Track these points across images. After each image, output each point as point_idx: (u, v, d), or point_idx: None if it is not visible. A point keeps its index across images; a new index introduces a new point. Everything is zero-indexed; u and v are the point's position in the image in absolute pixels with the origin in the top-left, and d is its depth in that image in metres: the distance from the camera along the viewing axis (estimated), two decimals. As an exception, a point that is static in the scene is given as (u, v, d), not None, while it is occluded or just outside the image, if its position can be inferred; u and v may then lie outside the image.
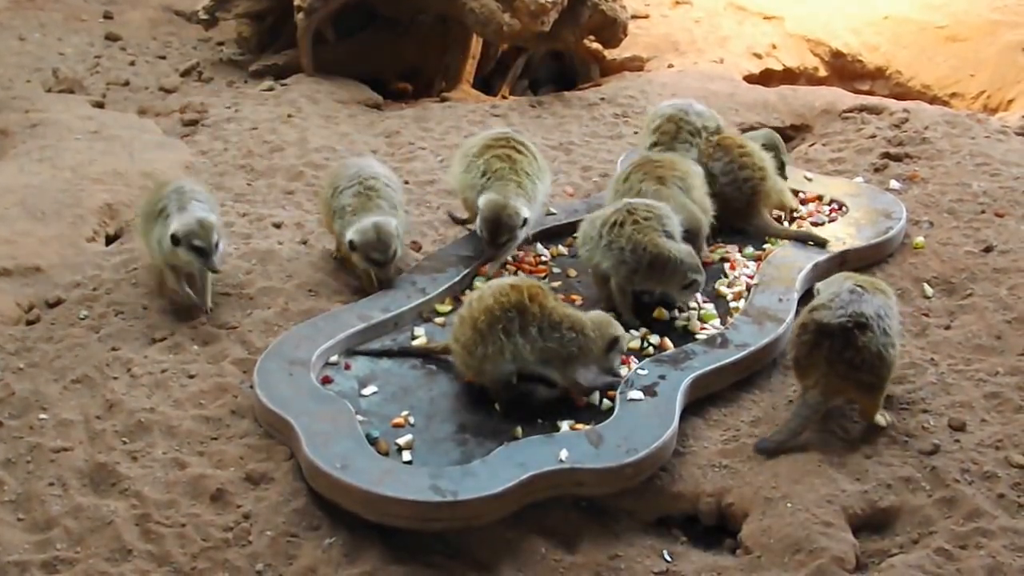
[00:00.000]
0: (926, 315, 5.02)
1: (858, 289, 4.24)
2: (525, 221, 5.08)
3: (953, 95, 8.38)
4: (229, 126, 7.05)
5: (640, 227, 4.78)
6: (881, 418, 4.26)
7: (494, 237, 5.04)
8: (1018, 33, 8.42)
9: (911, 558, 3.71)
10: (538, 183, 5.31)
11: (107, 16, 9.26)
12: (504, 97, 8.33)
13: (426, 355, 4.58)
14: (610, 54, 8.63)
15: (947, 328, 4.93)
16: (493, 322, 4.20)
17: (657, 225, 4.82)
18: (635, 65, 8.76)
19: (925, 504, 3.93)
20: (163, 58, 8.58)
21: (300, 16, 7.84)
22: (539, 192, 5.31)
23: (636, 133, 7.04)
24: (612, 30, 7.99)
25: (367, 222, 4.88)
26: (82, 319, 4.86)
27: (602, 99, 7.68)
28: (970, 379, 4.55)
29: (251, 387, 4.29)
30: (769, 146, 5.79)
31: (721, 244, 5.44)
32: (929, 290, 5.18)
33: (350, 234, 4.89)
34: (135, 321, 4.82)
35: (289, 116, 7.17)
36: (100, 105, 7.40)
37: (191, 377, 4.47)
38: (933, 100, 8.29)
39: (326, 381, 4.38)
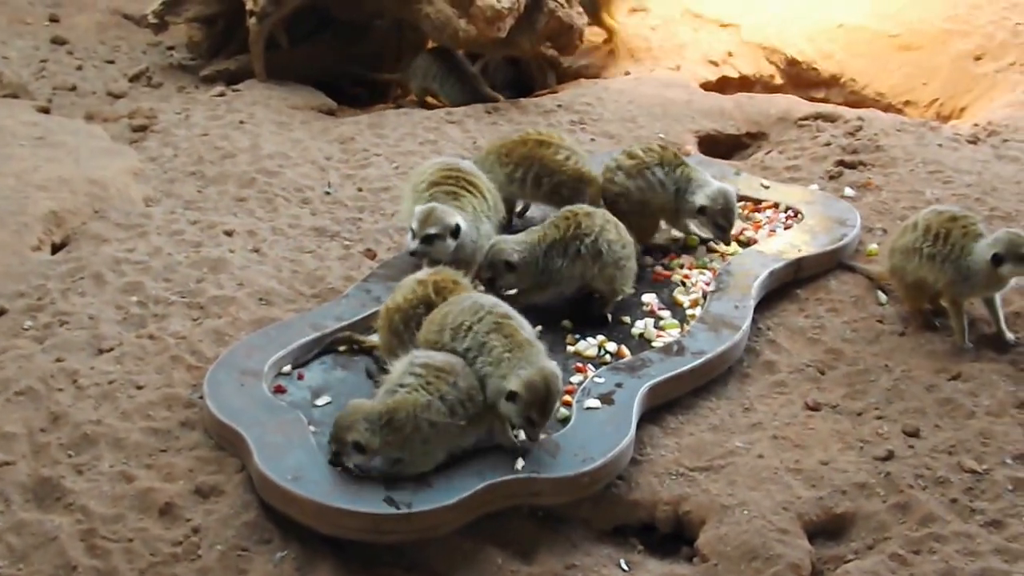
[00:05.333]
0: (880, 322, 5.05)
1: None
2: (457, 227, 4.80)
3: (906, 103, 8.47)
4: (179, 132, 6.93)
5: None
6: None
7: (422, 235, 4.74)
8: (970, 42, 8.53)
9: (866, 564, 3.73)
10: (485, 222, 5.04)
11: (53, 19, 9.06)
12: (460, 103, 8.28)
13: (352, 344, 4.53)
14: (566, 60, 8.62)
15: (901, 335, 4.96)
16: (407, 320, 4.15)
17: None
18: (591, 72, 8.77)
19: (880, 510, 3.95)
20: (111, 62, 8.42)
21: (252, 21, 7.73)
22: (479, 229, 4.98)
23: (593, 140, 7.03)
24: (568, 36, 7.99)
25: (535, 371, 3.82)
26: (26, 329, 4.74)
27: (559, 106, 7.66)
28: (923, 385, 4.59)
29: (201, 398, 4.21)
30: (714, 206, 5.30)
31: (676, 255, 5.43)
32: (883, 297, 5.21)
33: (512, 383, 3.80)
34: (81, 331, 4.70)
35: (241, 122, 7.07)
36: (46, 110, 7.21)
37: (139, 388, 4.37)
38: (887, 108, 8.35)
39: (279, 391, 4.31)
